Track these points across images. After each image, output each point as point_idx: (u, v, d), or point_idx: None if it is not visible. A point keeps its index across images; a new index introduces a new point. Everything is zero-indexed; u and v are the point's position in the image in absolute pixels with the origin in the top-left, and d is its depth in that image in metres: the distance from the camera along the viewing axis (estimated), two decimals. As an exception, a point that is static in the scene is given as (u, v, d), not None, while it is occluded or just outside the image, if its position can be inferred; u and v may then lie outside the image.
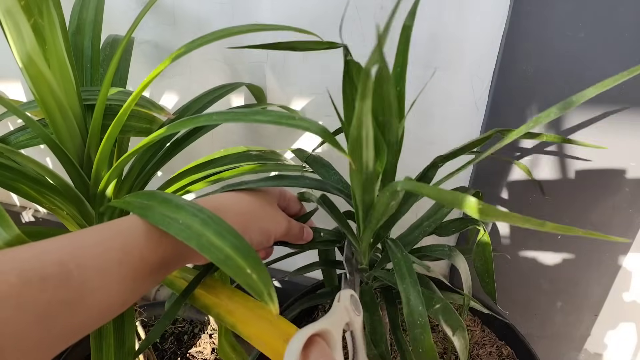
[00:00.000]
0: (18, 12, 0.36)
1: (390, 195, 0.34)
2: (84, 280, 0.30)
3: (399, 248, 0.43)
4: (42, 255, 0.30)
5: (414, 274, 0.39)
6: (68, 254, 0.30)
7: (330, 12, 0.65)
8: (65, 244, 0.31)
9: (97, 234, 0.33)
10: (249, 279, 0.29)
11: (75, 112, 0.46)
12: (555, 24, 0.55)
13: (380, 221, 0.39)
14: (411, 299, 0.38)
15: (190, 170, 0.54)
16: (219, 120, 0.35)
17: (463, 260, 0.44)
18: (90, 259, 0.31)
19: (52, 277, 0.29)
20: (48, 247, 0.31)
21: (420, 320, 0.37)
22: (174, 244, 0.35)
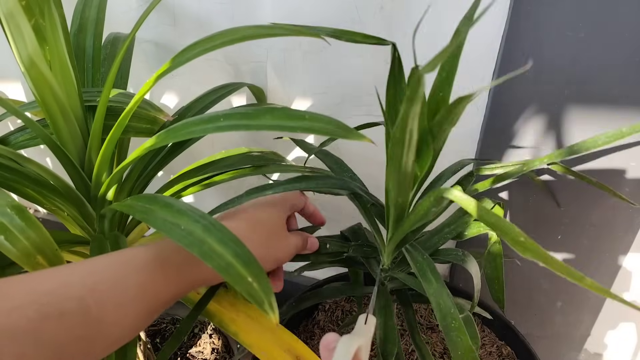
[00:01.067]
0: (19, 13, 0.36)
1: (435, 201, 0.34)
2: (101, 316, 0.30)
3: (418, 252, 0.43)
4: (61, 290, 0.30)
5: (440, 279, 0.39)
6: (88, 290, 0.30)
7: (331, 12, 0.65)
8: (84, 277, 0.31)
9: (115, 269, 0.33)
10: (250, 287, 0.28)
11: (76, 114, 0.46)
12: (555, 24, 0.55)
13: (416, 225, 0.39)
14: (442, 303, 0.38)
15: (191, 172, 0.54)
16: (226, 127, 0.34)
17: (476, 266, 0.44)
18: (109, 295, 0.31)
19: (70, 314, 0.29)
20: (68, 280, 0.31)
21: (454, 323, 0.37)
22: (188, 279, 0.36)
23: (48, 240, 0.38)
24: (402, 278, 0.46)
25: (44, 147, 0.51)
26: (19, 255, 0.36)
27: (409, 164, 0.33)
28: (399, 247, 0.46)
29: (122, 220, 0.54)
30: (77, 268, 0.32)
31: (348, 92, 0.71)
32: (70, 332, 0.29)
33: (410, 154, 0.32)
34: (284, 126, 0.34)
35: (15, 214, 0.37)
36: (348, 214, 0.83)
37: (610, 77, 0.55)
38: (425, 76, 0.31)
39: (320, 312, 0.75)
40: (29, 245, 0.36)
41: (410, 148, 0.31)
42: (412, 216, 0.37)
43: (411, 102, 0.27)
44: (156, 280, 0.34)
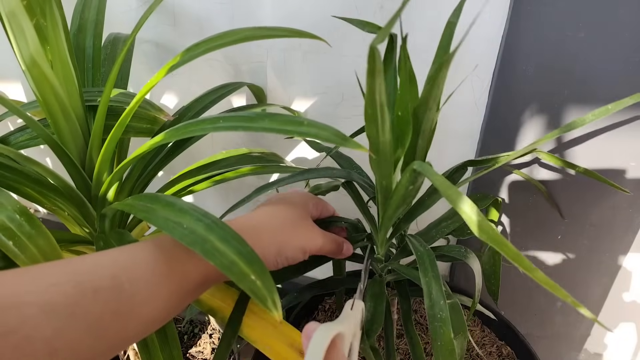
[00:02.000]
0: (21, 13, 0.36)
1: (409, 176, 0.34)
2: (134, 293, 0.31)
3: (420, 242, 0.44)
4: (95, 268, 0.31)
5: (436, 268, 0.40)
6: (120, 268, 0.32)
7: (331, 12, 0.65)
8: (117, 258, 0.33)
9: (145, 251, 0.34)
10: (253, 285, 0.29)
11: (77, 113, 0.46)
12: (555, 24, 0.55)
13: (400, 207, 0.39)
14: (433, 292, 0.38)
15: (191, 172, 0.54)
16: (224, 127, 0.35)
17: (478, 263, 0.44)
18: (140, 272, 0.32)
19: (105, 289, 0.30)
20: (101, 261, 0.32)
21: (441, 314, 0.37)
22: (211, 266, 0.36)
23: (55, 249, 0.38)
24: (398, 269, 0.47)
25: (44, 147, 0.51)
26: (26, 262, 0.36)
27: (386, 142, 0.33)
28: (393, 236, 0.47)
29: (122, 219, 0.54)
30: (108, 252, 0.34)
31: (348, 92, 0.71)
32: (105, 306, 0.30)
33: (385, 132, 0.32)
34: (282, 130, 0.34)
35: (24, 221, 0.37)
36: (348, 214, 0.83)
37: (610, 77, 0.56)
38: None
39: (320, 312, 0.75)
40: (37, 252, 0.37)
41: (384, 125, 0.31)
42: (394, 197, 0.38)
43: (372, 74, 0.27)
44: (184, 261, 0.35)
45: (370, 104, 0.29)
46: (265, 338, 0.42)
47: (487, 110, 0.64)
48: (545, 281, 0.25)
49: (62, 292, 0.28)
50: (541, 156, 0.56)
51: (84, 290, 0.29)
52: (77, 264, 0.31)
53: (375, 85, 0.28)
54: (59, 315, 0.28)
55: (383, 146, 0.34)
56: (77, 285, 0.29)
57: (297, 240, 0.42)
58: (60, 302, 0.28)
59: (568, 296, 0.25)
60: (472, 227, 0.26)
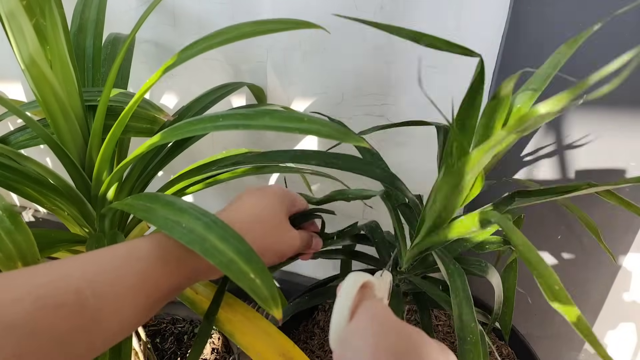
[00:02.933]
0: (21, 13, 0.36)
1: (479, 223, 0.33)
2: (99, 307, 0.30)
3: (450, 259, 0.42)
4: (59, 282, 0.30)
5: (467, 289, 0.39)
6: (85, 281, 0.30)
7: (331, 12, 0.64)
8: (82, 269, 0.31)
9: (115, 259, 0.33)
10: (253, 283, 0.29)
11: (77, 113, 0.46)
12: (555, 24, 0.55)
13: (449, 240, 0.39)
14: (464, 315, 0.37)
15: (191, 172, 0.53)
16: (225, 126, 0.35)
17: (498, 278, 0.43)
18: (107, 285, 0.31)
19: (68, 305, 0.29)
20: (66, 272, 0.31)
21: (471, 337, 0.36)
22: (189, 270, 0.36)
23: (32, 248, 0.37)
24: (418, 283, 0.46)
25: (44, 147, 0.51)
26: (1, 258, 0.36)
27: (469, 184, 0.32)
28: (421, 254, 0.46)
29: (122, 219, 0.54)
30: (78, 260, 0.32)
31: (348, 92, 0.71)
32: (68, 323, 0.29)
33: (479, 177, 0.32)
34: (282, 127, 0.34)
35: (5, 217, 0.37)
36: (346, 213, 0.83)
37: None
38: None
39: (320, 312, 0.75)
40: (14, 249, 0.36)
41: (480, 173, 0.31)
42: (448, 231, 0.37)
43: (509, 132, 0.26)
44: (156, 270, 0.34)
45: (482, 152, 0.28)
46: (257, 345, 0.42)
47: (487, 110, 0.64)
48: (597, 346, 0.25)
49: (22, 309, 0.27)
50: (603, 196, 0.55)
51: (45, 306, 0.28)
52: (41, 275, 0.30)
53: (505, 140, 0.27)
54: (18, 333, 0.27)
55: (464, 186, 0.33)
56: (38, 300, 0.28)
57: (277, 246, 0.42)
58: (19, 319, 0.27)
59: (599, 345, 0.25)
60: (547, 293, 0.26)
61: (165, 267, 0.34)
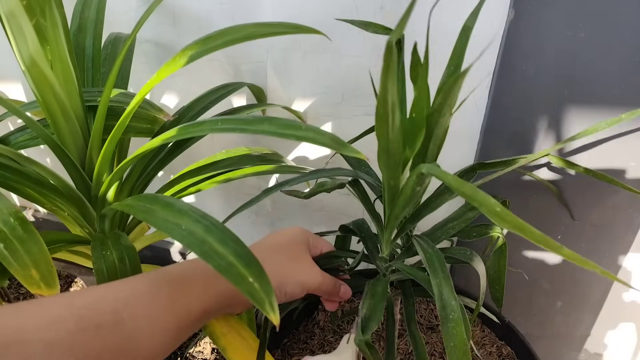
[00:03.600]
0: (21, 13, 0.36)
1: (417, 178, 0.34)
2: (135, 328, 0.32)
3: (428, 244, 0.43)
4: (96, 304, 0.31)
5: (446, 269, 0.40)
6: (122, 303, 0.32)
7: (331, 12, 0.65)
8: (116, 292, 0.33)
9: (145, 283, 0.34)
10: (251, 287, 0.28)
11: (77, 113, 0.46)
12: (555, 24, 0.55)
13: (406, 208, 0.39)
14: (444, 293, 0.38)
15: (191, 172, 0.54)
16: (223, 129, 0.35)
17: (483, 265, 0.44)
18: (140, 307, 0.32)
19: (106, 326, 0.30)
20: (102, 295, 0.32)
21: (453, 315, 0.37)
22: (216, 292, 0.37)
23: (46, 256, 0.38)
24: (402, 268, 0.47)
25: (44, 147, 0.51)
26: (15, 266, 0.36)
27: (397, 142, 0.33)
28: (398, 235, 0.47)
29: (122, 220, 0.54)
30: (111, 285, 0.34)
31: (348, 92, 0.71)
32: (105, 343, 0.30)
33: (395, 131, 0.32)
34: (280, 133, 0.34)
35: (18, 225, 0.37)
36: (346, 213, 0.83)
37: (610, 77, 0.56)
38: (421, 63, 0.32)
39: (320, 312, 0.75)
40: (27, 258, 0.37)
41: (395, 125, 0.31)
42: (401, 197, 0.38)
43: (386, 73, 0.27)
44: (185, 293, 0.35)
45: (383, 103, 0.29)
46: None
47: (487, 110, 0.64)
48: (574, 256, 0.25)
49: (64, 329, 0.28)
50: (553, 161, 0.56)
51: (86, 326, 0.29)
52: (78, 298, 0.31)
53: (389, 83, 0.28)
54: (61, 351, 0.28)
55: (392, 145, 0.33)
56: (79, 321, 0.29)
57: (297, 275, 0.43)
58: (63, 339, 0.28)
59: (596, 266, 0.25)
60: (494, 218, 0.26)
61: (193, 290, 0.36)
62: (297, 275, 0.43)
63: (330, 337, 0.71)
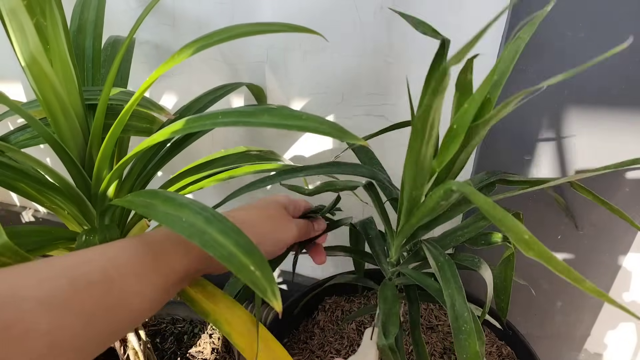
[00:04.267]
0: (22, 12, 0.36)
1: (444, 194, 0.34)
2: (124, 286, 0.32)
3: (439, 251, 0.43)
4: (86, 263, 0.32)
5: (458, 280, 0.39)
6: (110, 262, 0.33)
7: (331, 12, 0.65)
8: (105, 253, 0.34)
9: (132, 245, 0.35)
10: (253, 276, 0.29)
11: (77, 112, 0.46)
12: (555, 24, 0.55)
13: (424, 219, 0.39)
14: (456, 305, 0.38)
15: (190, 171, 0.54)
16: (224, 123, 0.35)
17: (490, 273, 0.44)
18: (129, 266, 0.33)
19: (97, 283, 0.31)
20: (90, 256, 0.33)
21: (466, 327, 0.37)
22: (197, 257, 0.38)
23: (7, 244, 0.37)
24: (409, 274, 0.47)
25: (44, 147, 0.51)
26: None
27: (427, 157, 0.33)
28: (409, 242, 0.47)
29: (122, 218, 0.54)
30: (98, 247, 0.34)
31: (348, 92, 0.71)
32: (97, 300, 0.31)
33: (429, 146, 0.32)
34: (281, 124, 0.34)
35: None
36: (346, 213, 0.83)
37: (611, 77, 0.56)
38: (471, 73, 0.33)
39: (320, 312, 0.75)
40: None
41: (430, 141, 0.32)
42: (422, 208, 0.37)
43: (435, 93, 0.27)
44: (169, 253, 0.36)
45: (422, 119, 0.29)
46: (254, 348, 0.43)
47: (487, 110, 0.64)
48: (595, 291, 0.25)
49: (57, 287, 0.29)
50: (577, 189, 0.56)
51: (78, 283, 0.30)
52: (69, 259, 0.32)
53: (434, 103, 0.28)
54: (56, 309, 0.28)
55: (422, 159, 0.34)
56: (71, 279, 0.30)
57: (275, 233, 0.44)
58: (56, 296, 0.29)
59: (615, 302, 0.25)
60: (520, 245, 0.26)
61: (177, 252, 0.36)
62: (274, 233, 0.44)
63: (330, 337, 0.71)
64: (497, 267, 0.51)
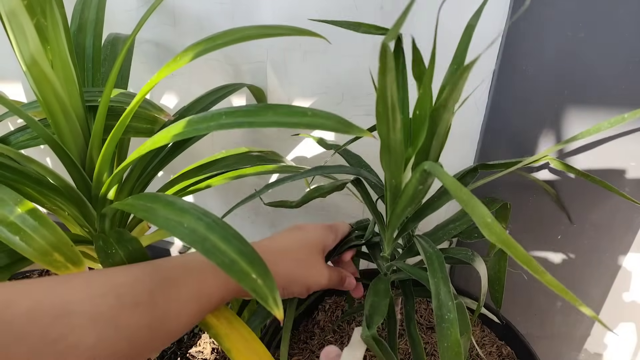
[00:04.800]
0: (22, 12, 0.36)
1: (420, 176, 0.34)
2: (166, 309, 0.34)
3: (429, 244, 0.44)
4: (135, 283, 0.34)
5: (445, 270, 0.40)
6: (157, 286, 0.34)
7: (331, 12, 0.65)
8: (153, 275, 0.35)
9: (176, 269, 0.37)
10: (254, 284, 0.29)
11: (77, 113, 0.46)
12: (555, 24, 0.55)
13: (408, 207, 0.40)
14: (441, 294, 0.38)
15: (191, 172, 0.54)
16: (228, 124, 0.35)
17: (484, 266, 0.44)
18: (174, 292, 0.35)
19: (143, 304, 0.33)
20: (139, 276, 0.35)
21: (449, 315, 0.37)
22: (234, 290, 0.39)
23: (63, 238, 0.39)
24: (403, 268, 0.47)
25: (44, 147, 0.51)
26: (35, 254, 0.37)
27: (397, 142, 0.33)
28: (400, 235, 0.47)
29: (122, 219, 0.54)
30: (146, 266, 0.36)
31: (348, 92, 0.71)
32: (141, 320, 0.32)
33: (396, 131, 0.32)
34: (286, 122, 0.34)
35: (28, 216, 0.38)
36: (347, 213, 0.83)
37: (610, 77, 0.56)
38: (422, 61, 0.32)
39: (320, 312, 0.75)
40: (45, 243, 0.38)
41: (395, 124, 0.32)
42: (403, 196, 0.38)
43: (383, 73, 0.27)
44: (210, 284, 0.38)
45: (382, 102, 0.30)
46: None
47: (487, 110, 0.64)
48: (555, 284, 0.25)
49: (106, 303, 0.31)
50: (553, 163, 0.57)
51: (125, 302, 0.31)
52: (118, 277, 0.33)
53: (387, 83, 0.28)
54: (103, 325, 0.30)
55: (394, 144, 0.34)
56: (119, 297, 0.31)
57: (305, 280, 0.45)
58: (105, 313, 0.30)
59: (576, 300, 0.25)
60: (483, 229, 0.26)
61: (217, 279, 0.38)
62: (305, 280, 0.45)
63: (330, 337, 0.71)
64: (491, 259, 0.51)
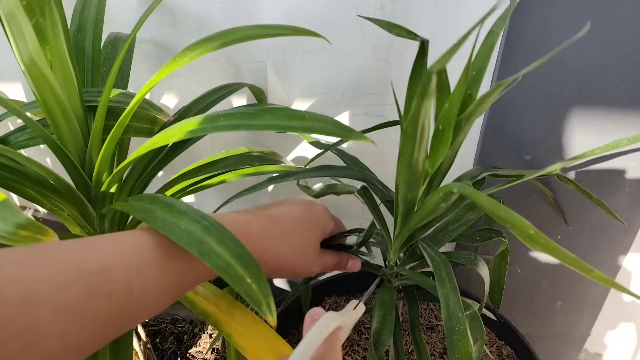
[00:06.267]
0: (20, 13, 0.36)
1: (444, 196, 0.34)
2: (143, 297, 0.32)
3: (435, 251, 0.43)
4: (110, 270, 0.31)
5: (453, 279, 0.39)
6: (134, 272, 0.32)
7: (331, 11, 0.65)
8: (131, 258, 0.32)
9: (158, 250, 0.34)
10: (249, 288, 0.29)
11: (77, 114, 0.46)
12: (555, 24, 0.55)
13: (423, 221, 0.39)
14: (450, 305, 0.37)
15: (191, 172, 0.54)
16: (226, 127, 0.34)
17: (487, 270, 0.44)
18: (153, 280, 0.33)
19: (117, 294, 0.30)
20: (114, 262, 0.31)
21: (459, 327, 0.36)
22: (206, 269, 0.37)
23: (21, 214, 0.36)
24: (407, 275, 0.47)
25: (44, 147, 0.51)
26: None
27: (420, 160, 0.33)
28: (406, 244, 0.47)
29: (122, 220, 0.54)
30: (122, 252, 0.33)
31: (348, 92, 0.71)
32: (113, 309, 0.30)
33: (421, 150, 0.32)
34: (284, 126, 0.34)
35: None
36: (347, 213, 0.83)
37: (611, 77, 0.56)
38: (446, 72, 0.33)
39: (320, 312, 0.75)
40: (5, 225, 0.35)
41: (422, 144, 0.32)
42: (420, 212, 0.37)
43: (422, 98, 0.27)
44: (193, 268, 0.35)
45: (412, 124, 0.29)
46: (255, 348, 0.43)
47: (487, 110, 0.64)
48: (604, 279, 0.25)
49: (75, 293, 0.28)
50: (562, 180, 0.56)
51: (97, 292, 0.29)
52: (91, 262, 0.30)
53: (423, 107, 0.28)
54: (68, 315, 0.28)
55: (415, 163, 0.34)
56: (90, 286, 0.29)
57: (296, 268, 0.43)
58: (72, 303, 0.28)
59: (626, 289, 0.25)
60: (526, 241, 0.26)
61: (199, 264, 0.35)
62: (296, 268, 0.42)
63: (330, 337, 0.71)
64: (492, 261, 0.51)
